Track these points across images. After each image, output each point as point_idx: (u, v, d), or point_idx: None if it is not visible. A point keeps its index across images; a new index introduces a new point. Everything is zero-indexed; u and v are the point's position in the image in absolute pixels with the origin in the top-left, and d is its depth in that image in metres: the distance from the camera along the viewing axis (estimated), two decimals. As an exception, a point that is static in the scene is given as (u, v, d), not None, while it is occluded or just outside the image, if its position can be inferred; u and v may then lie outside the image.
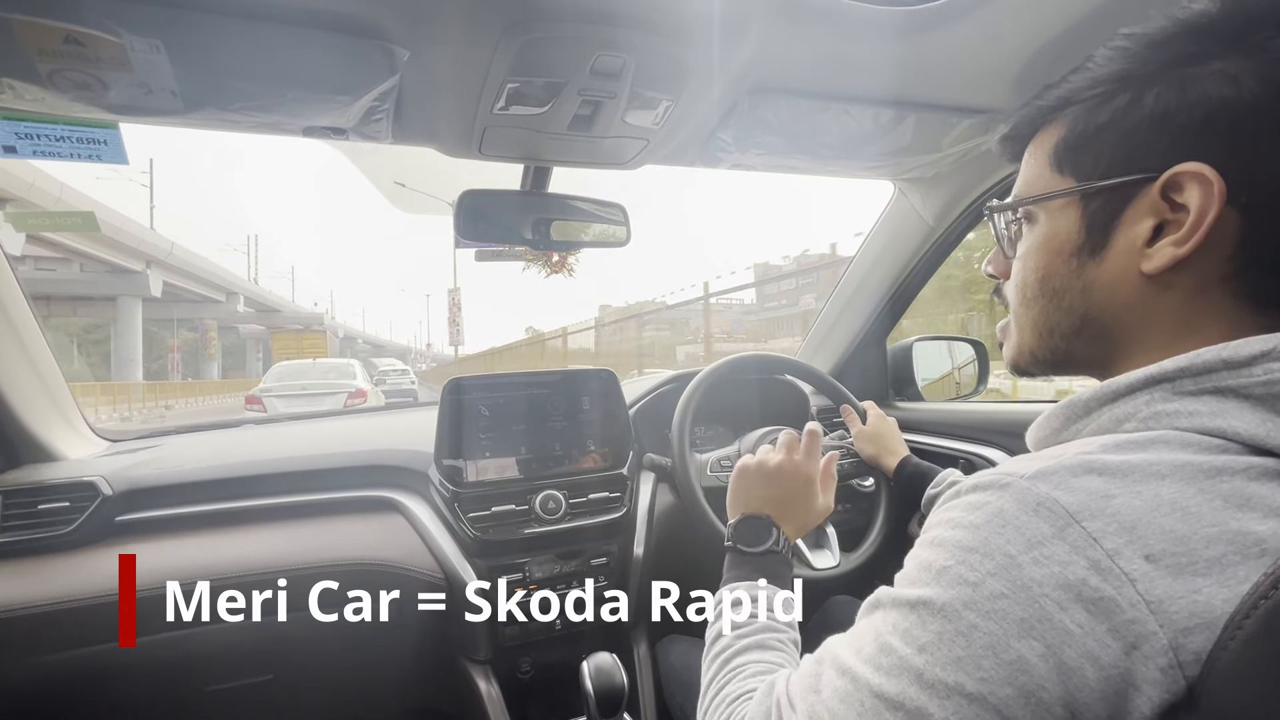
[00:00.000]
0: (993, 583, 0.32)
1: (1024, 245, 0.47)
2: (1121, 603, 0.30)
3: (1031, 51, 0.77)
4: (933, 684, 0.33)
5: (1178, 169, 0.37)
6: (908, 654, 0.34)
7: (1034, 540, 0.32)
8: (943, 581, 0.34)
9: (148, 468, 1.03)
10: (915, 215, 1.25)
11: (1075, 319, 0.44)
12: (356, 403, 8.64)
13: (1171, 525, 0.31)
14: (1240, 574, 0.30)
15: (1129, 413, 0.38)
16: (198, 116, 0.73)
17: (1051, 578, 0.31)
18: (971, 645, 0.32)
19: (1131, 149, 0.39)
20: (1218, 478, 0.33)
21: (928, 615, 0.34)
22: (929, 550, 0.36)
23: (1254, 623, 0.29)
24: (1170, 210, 0.38)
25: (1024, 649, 0.31)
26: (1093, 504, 0.32)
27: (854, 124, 0.91)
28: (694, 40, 0.69)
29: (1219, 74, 0.36)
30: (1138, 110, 0.39)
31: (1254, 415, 0.34)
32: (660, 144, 0.90)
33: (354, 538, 1.03)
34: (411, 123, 0.83)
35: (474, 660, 1.05)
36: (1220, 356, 0.36)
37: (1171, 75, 0.38)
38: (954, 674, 0.32)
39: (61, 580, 0.88)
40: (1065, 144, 0.43)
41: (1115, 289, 0.41)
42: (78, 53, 0.60)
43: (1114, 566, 0.31)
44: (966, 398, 1.49)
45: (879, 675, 0.35)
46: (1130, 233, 0.40)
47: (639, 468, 1.21)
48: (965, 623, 0.33)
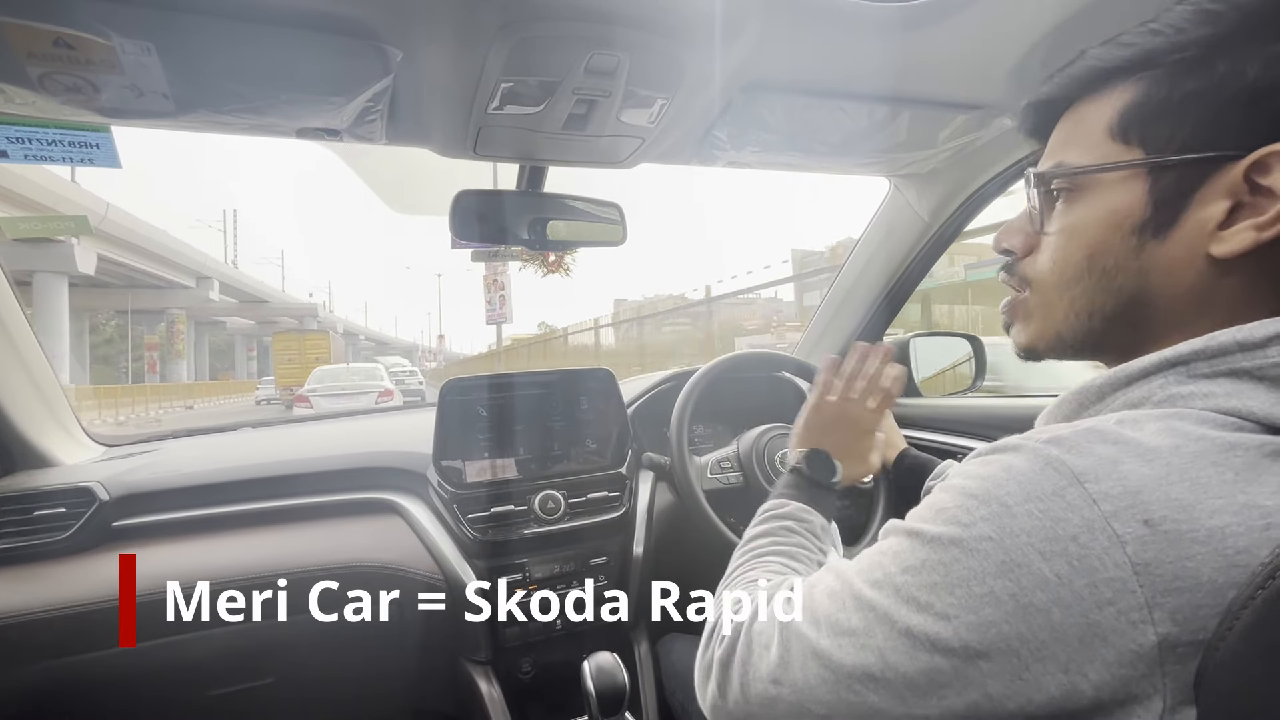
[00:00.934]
0: (983, 526, 0.35)
1: (1064, 219, 0.43)
2: (1107, 562, 0.31)
3: (1026, 46, 0.77)
4: (907, 599, 0.36)
5: (1270, 149, 0.35)
6: (893, 571, 0.38)
7: (1033, 494, 0.34)
8: (940, 520, 0.37)
9: (144, 472, 1.03)
10: (911, 211, 1.25)
11: (1123, 301, 0.41)
12: (385, 400, 10.74)
13: (1178, 494, 0.32)
14: (1240, 544, 0.31)
15: (1144, 396, 0.38)
16: (190, 119, 0.73)
17: (1041, 530, 0.33)
18: (949, 575, 0.35)
19: (1220, 124, 0.37)
20: (1231, 452, 0.33)
21: (918, 544, 0.37)
22: (940, 494, 0.39)
23: (1251, 612, 0.29)
24: (1249, 192, 0.36)
25: (996, 586, 0.33)
26: (1100, 468, 0.33)
27: (849, 120, 0.91)
28: (688, 38, 0.69)
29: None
30: (1231, 82, 0.36)
31: (1269, 396, 0.34)
32: (656, 142, 0.90)
33: (352, 540, 1.03)
34: (405, 123, 0.82)
35: (475, 661, 1.05)
36: (1235, 339, 0.36)
37: (1269, 49, 0.35)
38: (927, 595, 0.36)
39: (58, 586, 0.88)
40: (1136, 111, 0.39)
41: (1176, 271, 0.39)
42: (68, 56, 0.60)
43: (1108, 527, 0.32)
44: (964, 393, 1.50)
45: (864, 583, 0.39)
46: (1202, 213, 0.37)
47: (638, 467, 1.21)
48: (949, 555, 0.35)
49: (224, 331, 38.45)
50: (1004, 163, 1.10)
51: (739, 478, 1.09)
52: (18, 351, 0.98)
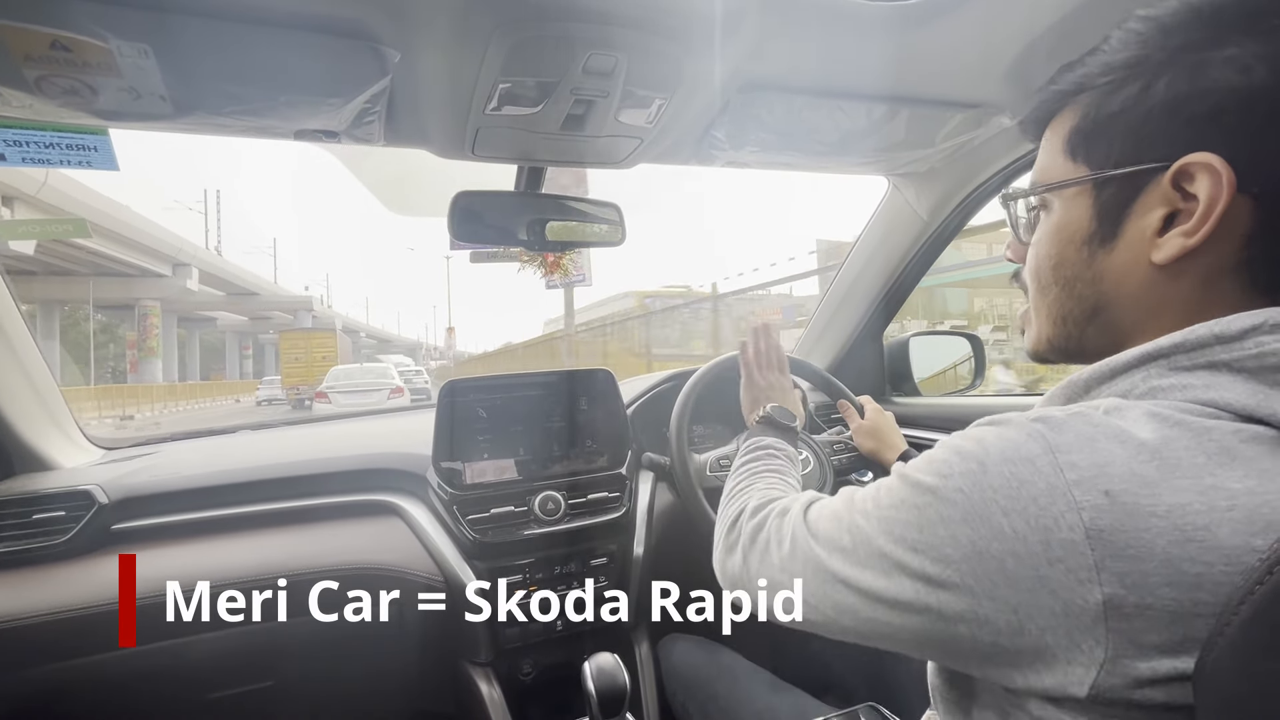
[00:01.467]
0: (959, 480, 0.38)
1: (1037, 233, 0.48)
2: (1062, 525, 0.34)
3: (1023, 45, 0.77)
4: (886, 532, 0.42)
5: (1188, 159, 0.37)
6: (884, 504, 0.43)
7: (1009, 457, 0.37)
8: (928, 469, 0.41)
9: (143, 475, 1.02)
10: (909, 210, 1.25)
11: (1087, 307, 0.44)
12: (396, 397, 11.91)
13: (1145, 471, 0.33)
14: (1199, 521, 0.32)
15: (1127, 389, 0.40)
16: (188, 121, 0.73)
17: (1007, 489, 0.36)
18: (922, 516, 0.39)
19: (1142, 138, 0.39)
20: (1206, 436, 0.34)
21: (905, 486, 0.42)
22: (937, 448, 0.42)
23: (1249, 607, 0.29)
24: (1181, 199, 0.38)
25: (958, 531, 0.37)
26: (1075, 443, 0.35)
27: (847, 120, 0.91)
28: (686, 38, 0.69)
29: (1230, 61, 0.36)
30: (1149, 98, 0.38)
31: (1245, 387, 0.35)
32: (654, 142, 0.90)
33: (352, 542, 1.02)
34: (403, 125, 0.82)
35: (475, 662, 1.05)
36: (1213, 332, 0.37)
37: (1183, 62, 0.37)
38: (901, 530, 0.40)
39: (58, 590, 0.87)
40: (1078, 131, 0.43)
41: (1125, 278, 0.42)
42: (65, 58, 0.60)
43: (1069, 494, 0.34)
44: (963, 392, 1.50)
45: (858, 512, 0.45)
46: (1141, 222, 0.40)
47: (637, 467, 1.21)
48: (924, 500, 0.39)
49: (215, 329, 36.39)
50: (1002, 161, 1.10)
51: None
52: (16, 355, 0.98)
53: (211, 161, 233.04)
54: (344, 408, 10.94)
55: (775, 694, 0.90)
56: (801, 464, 1.09)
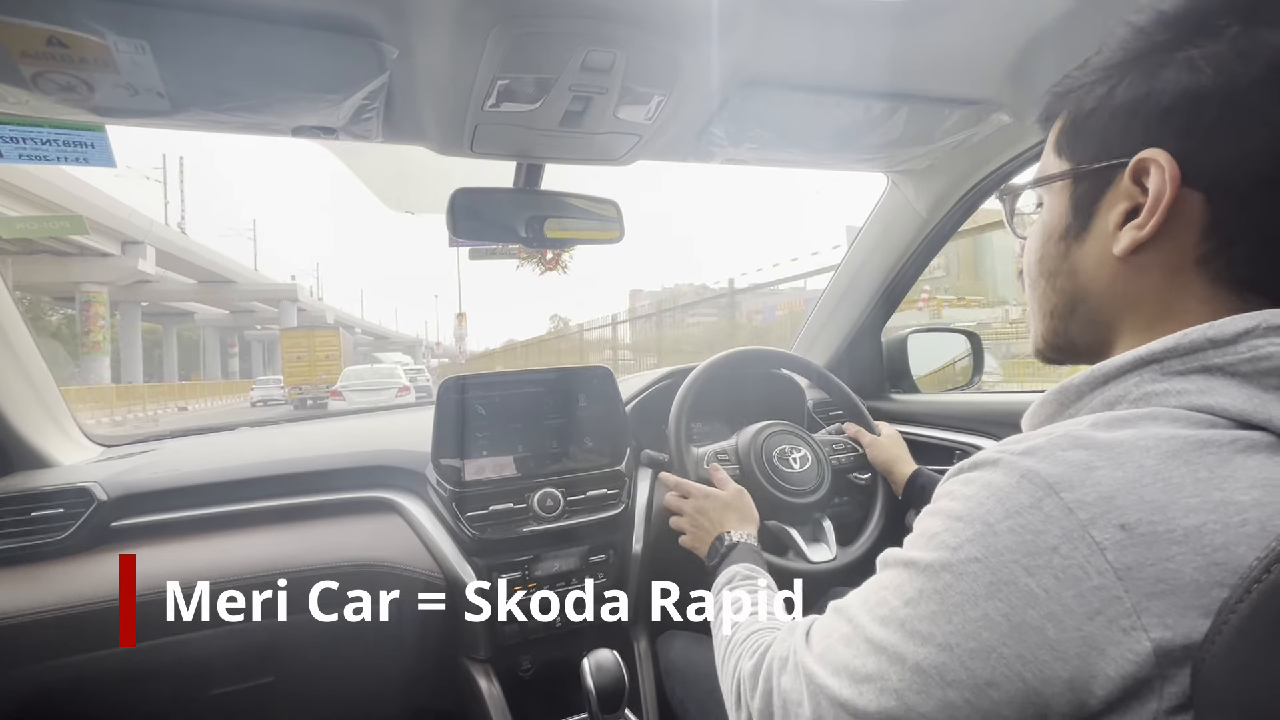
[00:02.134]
0: (969, 548, 0.35)
1: (1031, 228, 0.49)
2: (1090, 569, 0.32)
3: (1023, 42, 0.77)
4: (913, 633, 0.37)
5: (1141, 155, 0.39)
6: (896, 605, 0.39)
7: (1012, 510, 0.34)
8: (931, 545, 0.38)
9: (143, 472, 1.02)
10: (909, 207, 1.25)
11: (1066, 300, 0.46)
12: (403, 396, 13.41)
13: (1152, 496, 0.32)
14: (1218, 541, 0.31)
15: (1120, 395, 0.39)
16: (185, 117, 0.73)
17: (1022, 545, 0.34)
18: (945, 602, 0.36)
19: (1109, 136, 0.41)
20: (1204, 450, 0.34)
21: (914, 573, 0.38)
22: (928, 519, 0.40)
23: (1247, 606, 0.29)
24: (1141, 194, 0.39)
25: (989, 608, 0.34)
26: (1073, 475, 0.34)
27: (846, 116, 0.91)
28: (685, 35, 0.69)
29: (1184, 62, 0.37)
30: (1114, 98, 0.40)
31: (1240, 391, 0.35)
32: (652, 139, 0.90)
33: (352, 539, 1.03)
34: (402, 121, 0.82)
35: (474, 659, 1.05)
36: (1206, 336, 0.37)
37: (1145, 63, 0.39)
38: (928, 626, 0.36)
39: (57, 587, 0.87)
40: (1064, 130, 0.45)
41: (1096, 271, 0.43)
42: (62, 54, 0.60)
43: (1085, 535, 0.32)
44: (962, 389, 1.50)
45: (873, 622, 0.40)
46: (1108, 216, 0.42)
47: (636, 464, 1.21)
48: (942, 582, 0.36)
49: (193, 324, 32.76)
50: (1002, 158, 1.10)
51: (735, 471, 1.09)
52: (15, 353, 0.98)
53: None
54: (357, 405, 11.34)
55: None
56: (800, 461, 1.10)
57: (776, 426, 1.16)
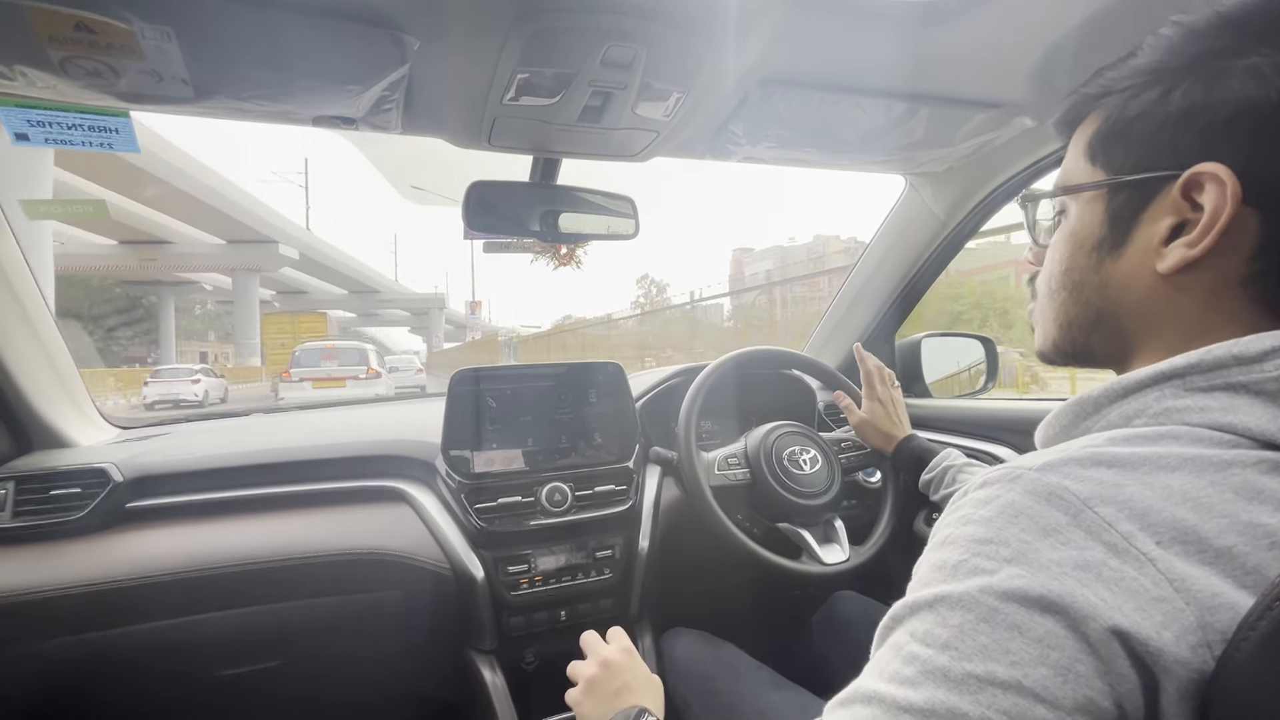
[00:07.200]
0: (1010, 568, 0.31)
1: (1055, 236, 0.47)
2: (1145, 582, 0.30)
3: (1048, 45, 0.76)
4: (962, 680, 0.30)
5: (1197, 169, 0.36)
6: (930, 655, 0.32)
7: (1049, 528, 0.32)
8: (959, 575, 0.33)
9: (158, 455, 1.04)
10: (926, 210, 1.24)
11: (1091, 313, 0.44)
12: (371, 378, 12.00)
13: (1182, 515, 0.31)
14: (1249, 564, 0.30)
15: (1139, 409, 0.38)
16: (208, 105, 0.73)
17: (1070, 559, 0.30)
18: (995, 630, 0.30)
19: (1157, 145, 0.39)
20: (1228, 470, 0.32)
21: (946, 610, 0.32)
22: (940, 550, 0.35)
23: (1268, 624, 0.28)
24: (1190, 209, 0.37)
25: (1049, 624, 0.29)
26: (1103, 492, 0.32)
27: (866, 117, 0.90)
28: (706, 31, 0.68)
29: (1249, 70, 0.35)
30: (1166, 105, 0.38)
31: (1265, 411, 0.34)
32: (670, 136, 0.90)
33: (362, 527, 1.03)
34: (421, 113, 0.82)
35: (479, 650, 1.06)
36: (1231, 352, 0.35)
37: (1202, 70, 0.37)
38: (982, 664, 0.30)
39: (73, 565, 0.89)
40: (1099, 135, 0.42)
41: (1130, 287, 0.41)
42: (89, 40, 0.60)
43: (1131, 548, 0.30)
44: (975, 394, 1.48)
45: (904, 689, 0.32)
46: (1149, 230, 0.39)
47: (645, 461, 1.21)
48: (986, 608, 0.31)
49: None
50: (1023, 163, 1.08)
51: (746, 474, 1.09)
52: (37, 335, 0.99)
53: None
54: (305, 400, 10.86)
55: (777, 691, 0.90)
56: (810, 463, 1.10)
57: (786, 427, 1.15)
